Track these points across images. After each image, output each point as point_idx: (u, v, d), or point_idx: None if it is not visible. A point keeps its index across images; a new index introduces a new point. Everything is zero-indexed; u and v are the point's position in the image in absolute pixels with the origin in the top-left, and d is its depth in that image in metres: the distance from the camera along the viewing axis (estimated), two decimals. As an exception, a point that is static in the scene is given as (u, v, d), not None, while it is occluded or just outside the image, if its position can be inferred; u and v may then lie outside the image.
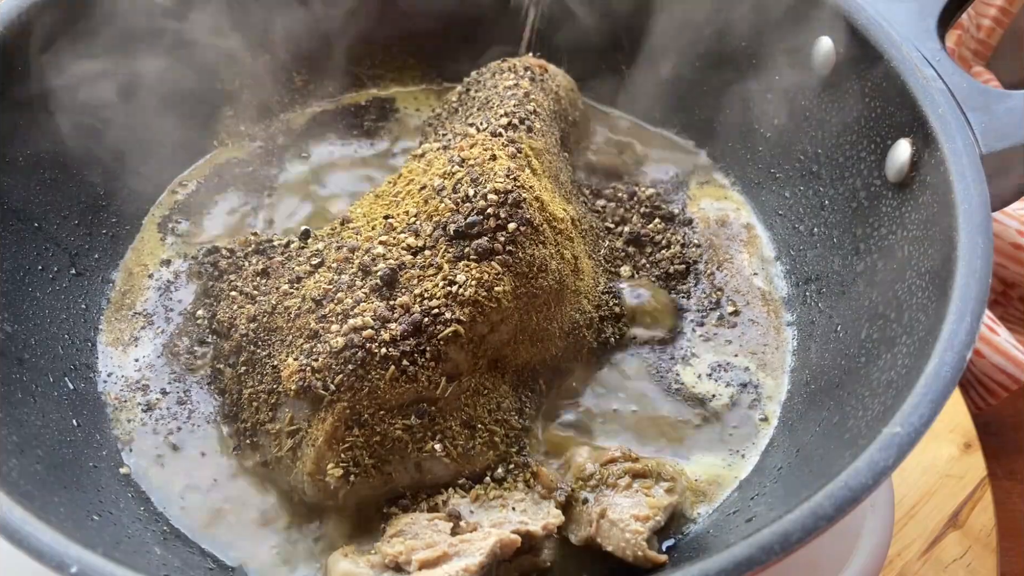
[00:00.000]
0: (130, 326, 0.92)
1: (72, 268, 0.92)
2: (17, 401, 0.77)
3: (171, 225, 1.01)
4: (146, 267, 0.97)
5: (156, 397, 0.86)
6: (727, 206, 1.05)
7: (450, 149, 0.90)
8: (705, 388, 0.89)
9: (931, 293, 0.74)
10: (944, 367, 0.66)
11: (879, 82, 0.87)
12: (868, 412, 0.73)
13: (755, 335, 0.94)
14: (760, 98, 1.03)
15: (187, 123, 1.05)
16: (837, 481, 0.62)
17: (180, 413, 0.85)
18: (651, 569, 0.73)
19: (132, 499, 0.79)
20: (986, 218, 0.74)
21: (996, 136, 0.79)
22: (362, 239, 0.84)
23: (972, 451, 1.06)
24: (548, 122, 0.99)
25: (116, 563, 0.59)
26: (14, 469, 0.68)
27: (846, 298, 0.89)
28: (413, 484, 0.78)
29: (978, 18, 1.47)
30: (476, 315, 0.78)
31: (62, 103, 0.92)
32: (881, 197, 0.87)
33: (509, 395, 0.84)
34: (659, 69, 1.09)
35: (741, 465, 0.84)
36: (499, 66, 1.05)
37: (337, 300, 0.79)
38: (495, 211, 0.81)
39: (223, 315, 0.87)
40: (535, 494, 0.78)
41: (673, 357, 0.91)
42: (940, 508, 1.02)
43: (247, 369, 0.83)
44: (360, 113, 1.14)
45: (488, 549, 0.70)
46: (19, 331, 0.82)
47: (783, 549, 0.59)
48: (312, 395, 0.75)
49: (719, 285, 0.97)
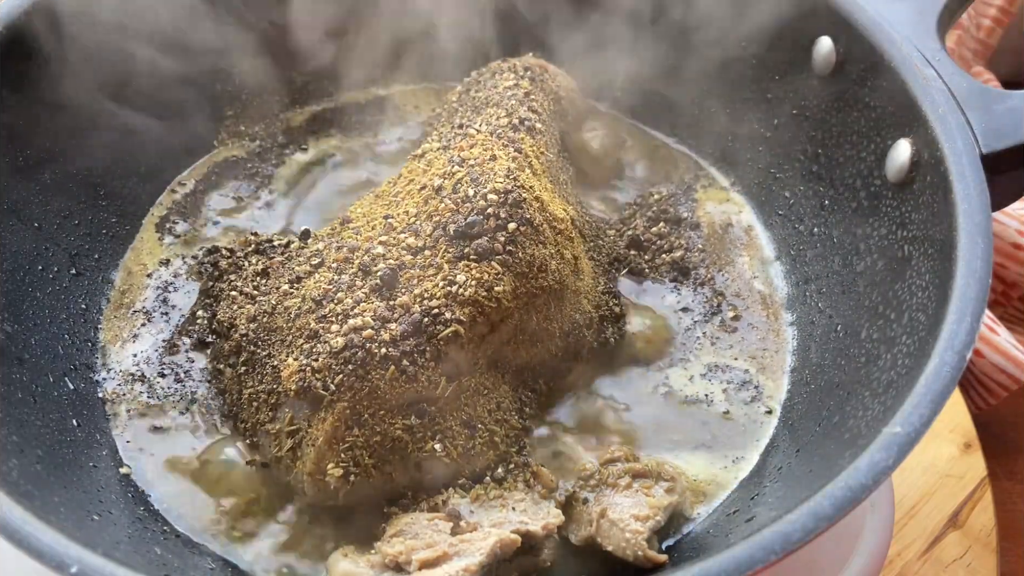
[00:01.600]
0: (129, 324, 0.92)
1: (72, 268, 0.92)
2: (17, 401, 0.77)
3: (168, 225, 1.01)
4: (145, 267, 0.97)
5: (156, 397, 0.86)
6: (730, 209, 1.05)
7: (450, 149, 0.90)
8: (705, 389, 0.89)
9: (931, 293, 0.75)
10: (944, 367, 0.66)
11: (879, 82, 0.87)
12: (868, 412, 0.73)
13: (755, 338, 0.94)
14: (760, 98, 1.03)
15: (187, 123, 1.05)
16: (837, 481, 0.62)
17: (180, 413, 0.85)
18: (651, 569, 0.73)
19: (132, 499, 0.79)
20: (986, 218, 0.74)
21: (996, 136, 0.79)
22: (362, 239, 0.84)
23: (972, 451, 1.06)
24: (548, 122, 0.99)
25: (116, 563, 0.59)
26: (14, 469, 0.68)
27: (846, 298, 0.89)
28: (413, 484, 0.78)
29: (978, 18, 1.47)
30: (476, 315, 0.78)
31: (62, 103, 0.92)
32: (881, 197, 0.87)
33: (509, 395, 0.84)
34: (659, 70, 1.09)
35: (741, 465, 0.84)
36: (499, 66, 1.05)
37: (337, 300, 0.79)
38: (495, 211, 0.81)
39: (223, 315, 0.87)
40: (535, 494, 0.78)
41: (674, 359, 0.91)
42: (940, 508, 1.02)
43: (247, 369, 0.83)
44: (360, 112, 1.14)
45: (488, 549, 0.70)
46: (19, 331, 0.82)
47: (783, 549, 0.59)
48: (312, 395, 0.75)
49: (720, 289, 0.97)
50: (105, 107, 0.95)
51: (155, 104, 1.00)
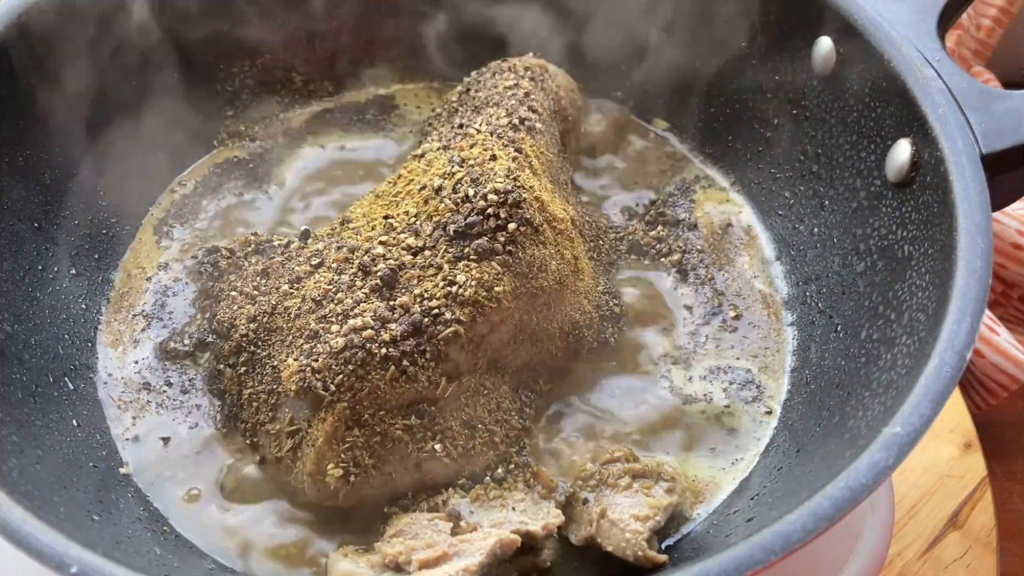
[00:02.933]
0: (129, 328, 0.92)
1: (72, 268, 0.92)
2: (17, 401, 0.77)
3: (168, 227, 1.01)
4: (144, 269, 0.97)
5: (155, 397, 0.86)
6: (729, 209, 1.05)
7: (450, 149, 0.90)
8: (706, 389, 0.89)
9: (931, 293, 0.74)
10: (944, 367, 0.66)
11: (879, 82, 0.87)
12: (868, 412, 0.73)
13: (756, 338, 0.94)
14: (760, 98, 1.03)
15: (187, 123, 1.05)
16: (837, 481, 0.61)
17: (180, 413, 0.85)
18: (651, 569, 0.73)
19: (132, 499, 0.79)
20: (986, 218, 0.74)
21: (996, 136, 0.79)
22: (362, 239, 0.84)
23: (972, 451, 1.06)
24: (548, 122, 0.99)
25: (116, 563, 0.59)
26: (14, 469, 0.68)
27: (846, 298, 0.89)
28: (413, 484, 0.78)
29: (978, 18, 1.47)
30: (476, 315, 0.78)
31: (62, 103, 0.92)
32: (881, 197, 0.87)
33: (509, 395, 0.84)
34: (659, 70, 1.09)
35: (741, 465, 0.84)
36: (499, 66, 1.05)
37: (337, 300, 0.79)
38: (495, 211, 0.81)
39: (223, 315, 0.87)
40: (535, 494, 0.78)
41: (674, 359, 0.91)
42: (940, 508, 1.02)
43: (247, 369, 0.83)
44: (360, 112, 1.14)
45: (488, 549, 0.70)
46: (19, 331, 0.82)
47: (783, 549, 0.59)
48: (312, 395, 0.75)
49: (720, 289, 0.97)
50: (105, 107, 0.95)
51: (155, 104, 1.00)
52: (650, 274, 0.98)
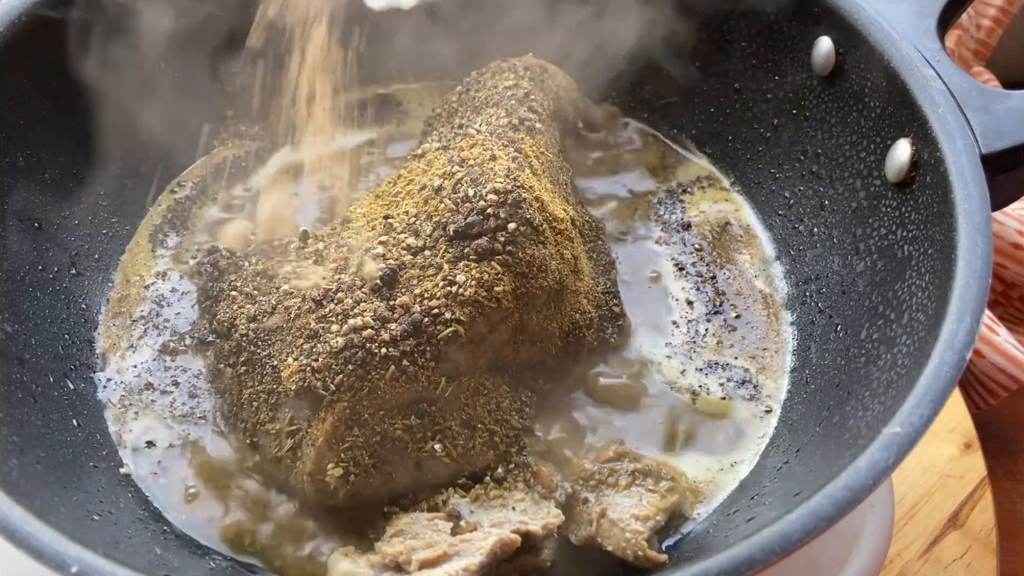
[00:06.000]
0: (129, 328, 0.92)
1: (72, 268, 0.92)
2: (17, 401, 0.77)
3: (167, 227, 1.01)
4: (143, 271, 0.97)
5: (155, 397, 0.86)
6: (727, 208, 1.05)
7: (450, 149, 0.90)
8: (706, 389, 0.89)
9: (931, 293, 0.75)
10: (944, 367, 0.66)
11: (879, 82, 0.87)
12: (868, 412, 0.73)
13: (755, 338, 0.94)
14: (760, 98, 1.03)
15: (186, 123, 1.05)
16: (837, 481, 0.61)
17: (180, 414, 0.85)
18: (651, 569, 0.73)
19: (132, 499, 0.79)
20: (986, 218, 0.74)
21: (996, 136, 0.79)
22: (362, 239, 0.84)
23: (972, 451, 1.06)
24: (548, 122, 0.99)
25: (116, 563, 0.59)
26: (14, 469, 0.68)
27: (846, 298, 0.89)
28: (413, 484, 0.78)
29: (978, 18, 1.47)
30: (476, 315, 0.78)
31: (61, 103, 0.92)
32: (881, 197, 0.87)
33: (509, 395, 0.84)
34: (658, 70, 1.09)
35: (741, 465, 0.84)
36: (499, 66, 1.05)
37: (337, 300, 0.79)
38: (495, 211, 0.81)
39: (223, 315, 0.87)
40: (535, 494, 0.78)
41: (675, 359, 0.91)
42: (940, 508, 1.02)
43: (247, 369, 0.83)
44: (361, 111, 1.14)
45: (488, 549, 0.70)
46: (19, 331, 0.82)
47: (783, 549, 0.59)
48: (312, 395, 0.75)
49: (721, 289, 0.97)
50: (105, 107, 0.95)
51: (155, 104, 1.00)
52: (650, 273, 0.98)
